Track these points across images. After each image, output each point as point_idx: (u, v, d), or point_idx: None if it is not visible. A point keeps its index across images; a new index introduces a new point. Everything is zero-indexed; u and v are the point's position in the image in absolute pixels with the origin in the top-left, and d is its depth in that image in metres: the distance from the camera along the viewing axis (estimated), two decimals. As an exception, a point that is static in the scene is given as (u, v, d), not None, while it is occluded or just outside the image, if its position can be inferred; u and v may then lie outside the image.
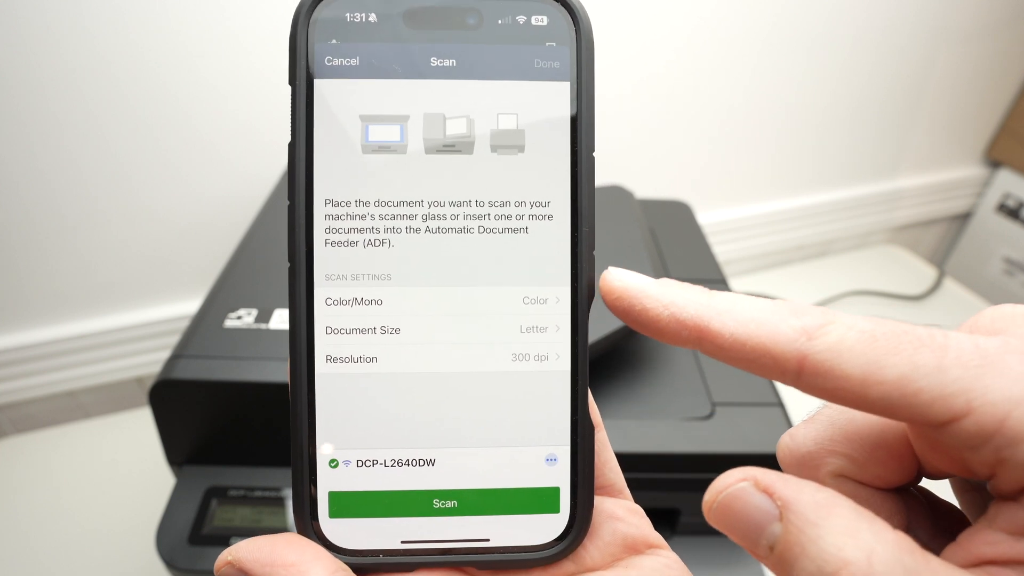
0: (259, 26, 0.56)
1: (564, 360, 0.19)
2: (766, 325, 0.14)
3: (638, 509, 0.20)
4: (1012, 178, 1.00)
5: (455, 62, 0.18)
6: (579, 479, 0.19)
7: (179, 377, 0.40)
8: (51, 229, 0.59)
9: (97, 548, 0.54)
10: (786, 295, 0.85)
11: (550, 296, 0.19)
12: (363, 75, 0.18)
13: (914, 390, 0.13)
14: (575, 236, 0.19)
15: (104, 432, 0.65)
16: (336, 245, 0.18)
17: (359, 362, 0.18)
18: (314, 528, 0.18)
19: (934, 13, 0.81)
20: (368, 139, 0.18)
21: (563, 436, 0.19)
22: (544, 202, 0.19)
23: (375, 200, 0.18)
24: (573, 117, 0.19)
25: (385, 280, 0.18)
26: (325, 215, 0.18)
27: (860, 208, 0.97)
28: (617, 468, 0.20)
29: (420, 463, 0.18)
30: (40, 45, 0.51)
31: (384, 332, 0.18)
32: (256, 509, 0.42)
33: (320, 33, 0.18)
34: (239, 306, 0.45)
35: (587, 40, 0.19)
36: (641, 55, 0.71)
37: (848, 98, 0.85)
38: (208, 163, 0.61)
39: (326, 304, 0.18)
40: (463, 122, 0.18)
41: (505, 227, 0.18)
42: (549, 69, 0.19)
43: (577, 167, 0.19)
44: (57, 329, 0.64)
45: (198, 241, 0.65)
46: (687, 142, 0.80)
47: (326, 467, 0.18)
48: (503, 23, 0.18)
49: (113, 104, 0.55)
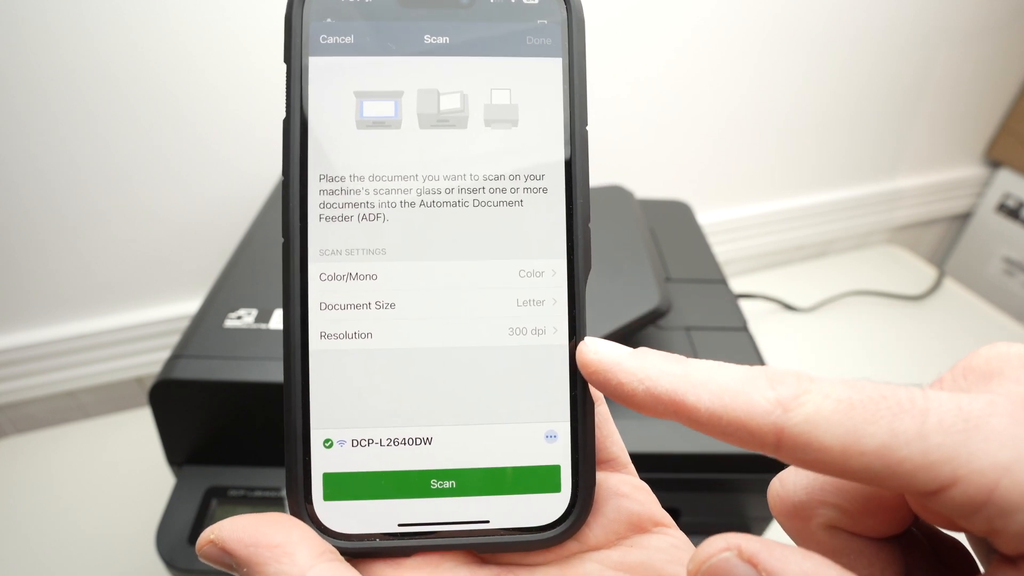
0: (259, 26, 0.56)
1: (562, 333, 0.18)
2: (740, 397, 0.14)
3: (643, 485, 0.19)
4: (1012, 178, 1.00)
5: (448, 39, 0.18)
6: (580, 456, 0.18)
7: (179, 377, 0.40)
8: (51, 229, 0.59)
9: (97, 548, 0.54)
10: (786, 295, 0.86)
11: (546, 269, 0.19)
12: (358, 52, 0.18)
13: (897, 459, 0.12)
14: (570, 208, 0.19)
15: (104, 432, 0.65)
16: (330, 220, 0.18)
17: (354, 338, 0.18)
18: (308, 512, 0.18)
19: (934, 13, 0.81)
20: (363, 115, 0.18)
21: (563, 412, 0.18)
22: (538, 175, 0.19)
23: (369, 175, 0.18)
24: (566, 92, 0.19)
25: (380, 255, 0.18)
26: (320, 190, 0.18)
27: (860, 208, 0.97)
28: (620, 442, 0.20)
29: (417, 442, 0.18)
30: (40, 45, 0.51)
31: (379, 307, 0.18)
32: (256, 509, 0.42)
33: (315, 12, 0.18)
34: (239, 306, 0.45)
35: (578, 17, 0.19)
36: (641, 55, 0.71)
37: (848, 98, 0.85)
38: (208, 163, 0.61)
39: (320, 279, 0.18)
40: (457, 97, 0.18)
41: (500, 200, 0.18)
42: (541, 45, 0.19)
43: (571, 140, 0.19)
44: (57, 329, 0.64)
45: (198, 241, 0.65)
46: (687, 142, 0.80)
47: (320, 447, 0.18)
48: (495, 1, 0.19)
49: (113, 104, 0.55)
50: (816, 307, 0.86)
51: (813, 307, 0.86)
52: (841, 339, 0.81)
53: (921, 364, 0.77)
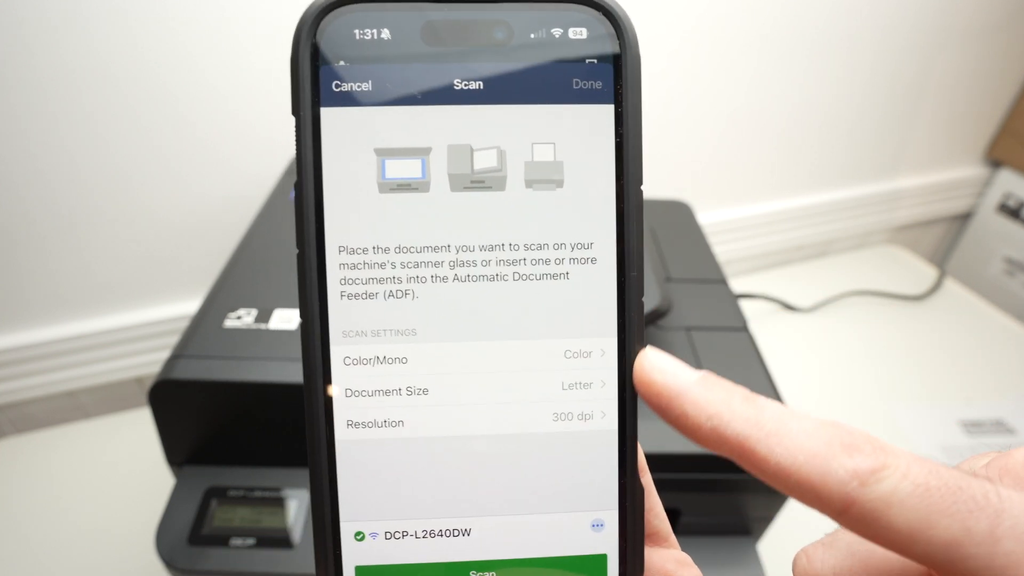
0: (259, 26, 0.56)
1: (611, 418, 0.17)
2: (816, 460, 0.13)
3: (687, 559, 0.18)
4: (1013, 178, 1.00)
5: (482, 84, 0.16)
6: (628, 544, 0.17)
7: (179, 377, 0.40)
8: (51, 229, 0.59)
9: (97, 548, 0.54)
10: (786, 295, 0.85)
11: (595, 349, 0.17)
12: (377, 102, 0.16)
13: (963, 556, 0.12)
14: (621, 281, 0.17)
15: (104, 432, 0.65)
16: (353, 297, 0.16)
17: (383, 427, 0.16)
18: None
19: (934, 13, 0.81)
20: (385, 176, 0.16)
21: (611, 500, 0.17)
22: (587, 243, 0.17)
23: (395, 246, 0.16)
24: (618, 145, 0.16)
25: (410, 336, 0.16)
26: (340, 264, 0.16)
27: (860, 208, 0.97)
28: (663, 514, 0.19)
29: (454, 533, 0.17)
30: (40, 45, 0.51)
31: (410, 393, 0.17)
32: (256, 509, 0.42)
33: (326, 54, 0.16)
34: (239, 306, 0.45)
35: (633, 55, 0.16)
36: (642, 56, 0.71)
37: (848, 98, 0.85)
38: (208, 163, 0.61)
39: (344, 364, 0.16)
40: (493, 154, 0.16)
41: (543, 272, 0.17)
42: (590, 90, 0.16)
43: (623, 203, 0.16)
44: (57, 329, 0.64)
45: (198, 241, 0.65)
46: (687, 142, 0.80)
47: (351, 540, 0.16)
48: (536, 37, 0.16)
49: (113, 104, 0.55)
50: (816, 307, 0.86)
51: (813, 307, 0.86)
52: (841, 339, 0.81)
53: (921, 364, 0.77)
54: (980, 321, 0.85)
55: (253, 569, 0.39)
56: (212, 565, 0.39)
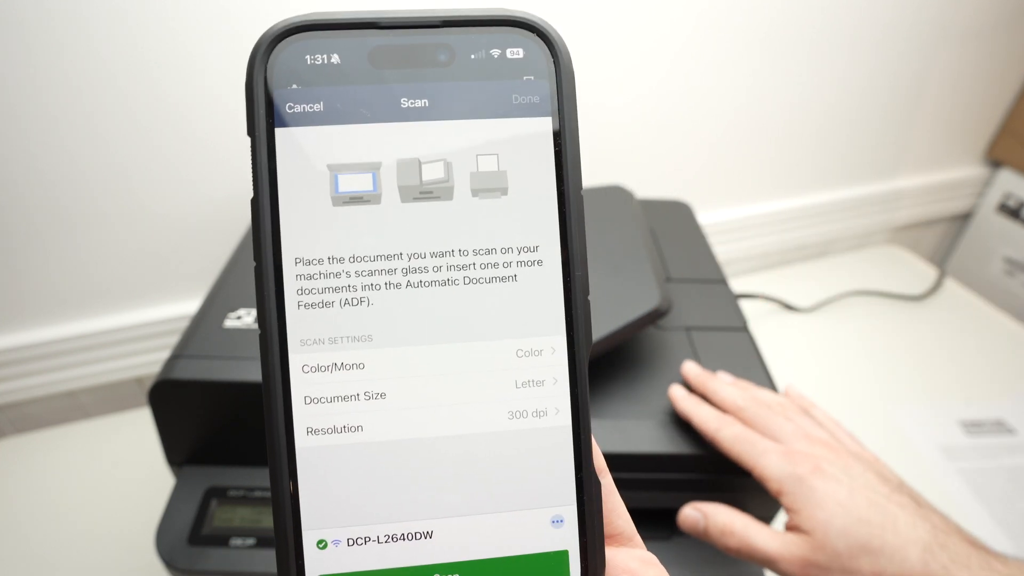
0: (259, 25, 0.56)
1: (564, 414, 0.18)
2: None
3: (652, 559, 0.19)
4: (1013, 178, 1.00)
5: (427, 102, 0.17)
6: (588, 539, 0.17)
7: (179, 377, 0.40)
8: (51, 229, 0.59)
9: (97, 548, 0.54)
10: (786, 295, 0.86)
11: (545, 347, 0.17)
12: (329, 121, 0.17)
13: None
14: (568, 281, 0.17)
15: (104, 432, 0.65)
16: (310, 307, 0.17)
17: (343, 432, 0.17)
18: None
19: (934, 13, 0.81)
20: (338, 190, 0.17)
21: (568, 495, 0.17)
22: (532, 247, 0.17)
23: (350, 255, 0.17)
24: (557, 153, 0.17)
25: (366, 342, 0.17)
26: (296, 275, 0.17)
27: (860, 208, 0.97)
28: (626, 514, 0.19)
29: (417, 536, 0.17)
30: (40, 45, 0.51)
31: (368, 398, 0.17)
32: (256, 509, 0.42)
33: (279, 78, 0.17)
34: (239, 306, 0.45)
35: (567, 71, 0.18)
36: (642, 56, 0.71)
37: (848, 98, 0.85)
38: (208, 163, 0.61)
39: (303, 372, 0.17)
40: (440, 166, 0.17)
41: (492, 276, 0.17)
42: (528, 104, 0.17)
43: (565, 207, 0.17)
44: (57, 329, 0.64)
45: (198, 241, 0.65)
46: (687, 142, 0.80)
47: (314, 548, 0.17)
48: (476, 58, 0.17)
49: (113, 104, 0.55)
50: (816, 307, 0.86)
51: (813, 307, 0.86)
52: (841, 339, 0.81)
53: (921, 364, 0.77)
54: (980, 321, 0.85)
55: (253, 569, 0.39)
56: (212, 565, 0.39)
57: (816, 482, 0.36)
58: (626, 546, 0.19)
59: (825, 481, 0.36)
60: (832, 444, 0.40)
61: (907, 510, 0.35)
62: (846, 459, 0.38)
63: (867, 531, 0.34)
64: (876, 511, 0.35)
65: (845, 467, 0.38)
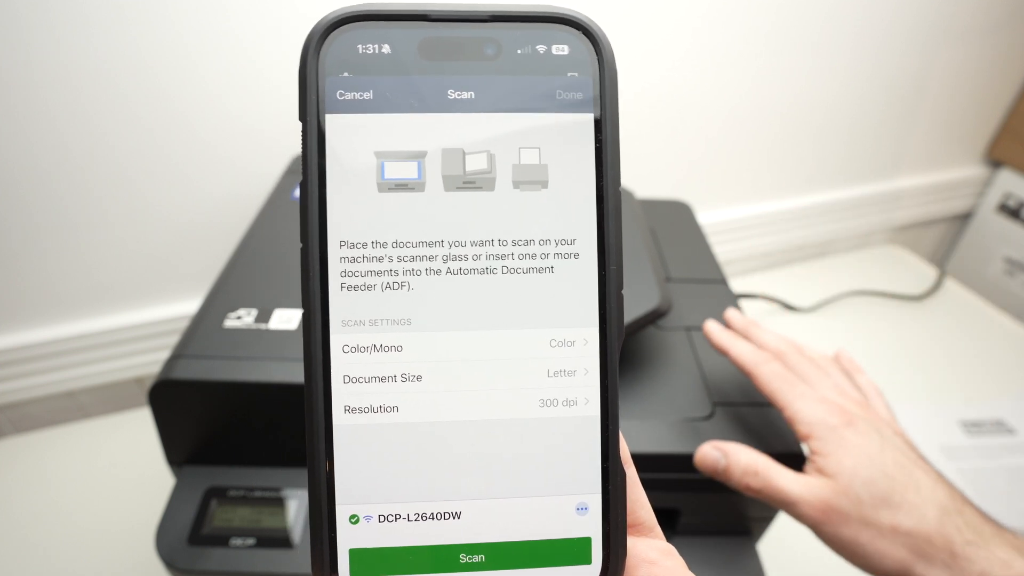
0: (259, 25, 0.56)
1: (594, 404, 0.18)
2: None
3: (671, 549, 0.19)
4: (1013, 178, 1.00)
5: (473, 94, 0.18)
6: (611, 528, 0.18)
7: (179, 377, 0.40)
8: (51, 229, 0.59)
9: (97, 548, 0.54)
10: (786, 295, 0.86)
11: (578, 338, 0.18)
12: (377, 109, 0.17)
13: None
14: (603, 274, 0.18)
15: (104, 432, 0.65)
16: (352, 289, 0.17)
17: (379, 412, 0.17)
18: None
19: (934, 13, 0.81)
20: (384, 176, 0.17)
21: (594, 484, 0.18)
22: (570, 240, 0.18)
23: (393, 241, 0.17)
24: (598, 150, 0.18)
25: (405, 325, 0.17)
26: (340, 257, 0.17)
27: (860, 208, 0.97)
28: (647, 505, 0.20)
29: (446, 516, 0.18)
30: (40, 45, 0.51)
31: (405, 380, 0.17)
32: (256, 509, 0.42)
33: (331, 66, 0.17)
34: (239, 306, 0.45)
35: (610, 69, 0.18)
36: (642, 56, 0.71)
37: (848, 98, 0.85)
38: (208, 163, 0.61)
39: (343, 352, 0.17)
40: (483, 157, 0.18)
41: (529, 267, 0.18)
42: (572, 100, 0.18)
43: (603, 202, 0.18)
44: (57, 329, 0.64)
45: (198, 241, 0.65)
46: (687, 142, 0.80)
47: (346, 523, 0.17)
48: (523, 53, 0.18)
49: (113, 104, 0.55)
50: (816, 307, 0.86)
51: (813, 307, 0.86)
52: (841, 339, 0.81)
53: (921, 364, 0.77)
54: (980, 321, 0.85)
55: (253, 569, 0.39)
56: (212, 565, 0.39)
57: (847, 432, 0.37)
58: (647, 536, 0.19)
59: (857, 434, 0.37)
60: (866, 405, 0.40)
61: (930, 476, 0.37)
62: (878, 422, 0.39)
63: (890, 485, 0.35)
64: (901, 471, 0.36)
65: (877, 428, 0.38)
